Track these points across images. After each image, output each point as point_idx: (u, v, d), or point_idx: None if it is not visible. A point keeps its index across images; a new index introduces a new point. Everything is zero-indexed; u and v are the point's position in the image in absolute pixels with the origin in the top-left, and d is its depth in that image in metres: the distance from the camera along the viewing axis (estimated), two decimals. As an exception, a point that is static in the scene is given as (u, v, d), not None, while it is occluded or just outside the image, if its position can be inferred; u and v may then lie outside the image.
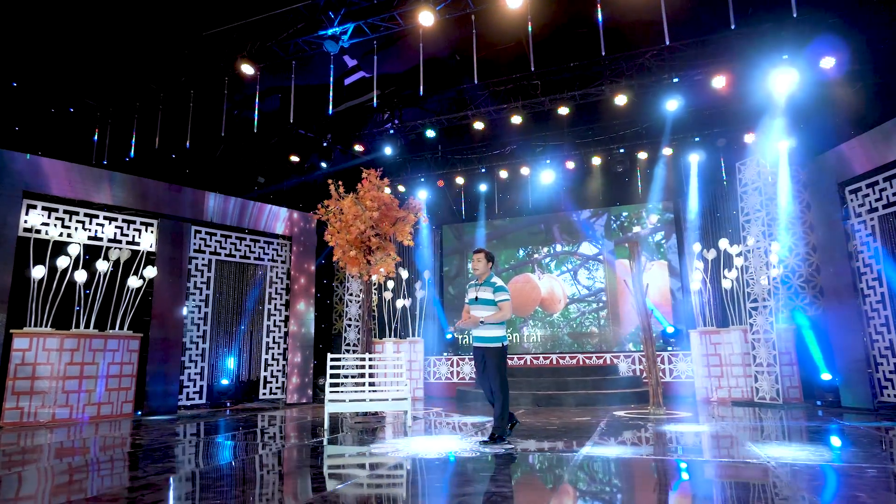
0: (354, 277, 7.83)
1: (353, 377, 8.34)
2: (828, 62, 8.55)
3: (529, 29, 7.59)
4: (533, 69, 7.70)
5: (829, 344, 8.70)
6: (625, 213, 13.87)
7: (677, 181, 12.30)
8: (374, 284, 12.78)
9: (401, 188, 14.07)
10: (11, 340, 7.60)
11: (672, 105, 9.74)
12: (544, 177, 13.02)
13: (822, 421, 6.82)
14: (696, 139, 11.57)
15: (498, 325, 5.49)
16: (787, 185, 10.09)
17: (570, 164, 12.51)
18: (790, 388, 9.01)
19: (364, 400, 6.83)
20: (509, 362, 12.16)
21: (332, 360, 7.13)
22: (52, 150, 8.88)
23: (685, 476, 3.99)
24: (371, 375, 8.30)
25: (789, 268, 9.98)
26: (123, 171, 9.16)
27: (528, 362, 12.03)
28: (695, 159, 11.58)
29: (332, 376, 7.35)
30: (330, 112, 9.03)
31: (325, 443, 5.74)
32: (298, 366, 10.56)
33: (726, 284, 10.09)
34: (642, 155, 12.05)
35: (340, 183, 8.02)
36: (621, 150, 12.17)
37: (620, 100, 9.81)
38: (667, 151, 11.78)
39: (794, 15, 6.14)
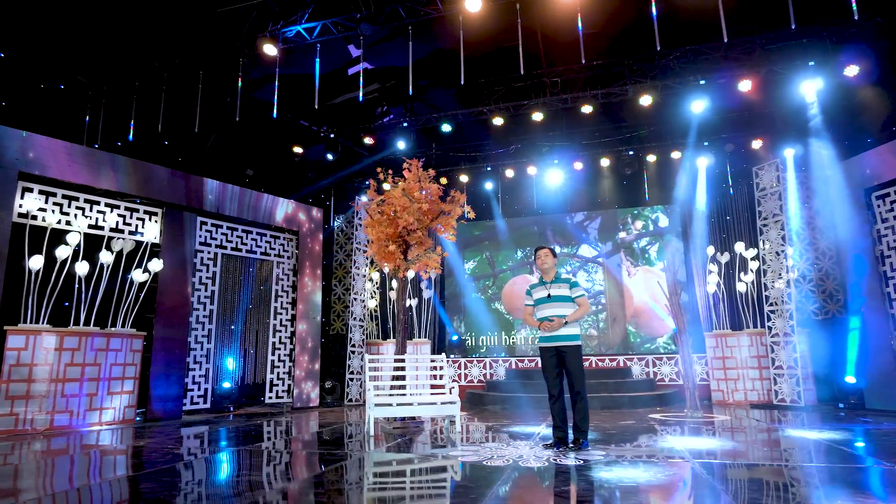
0: (390, 273, 7.36)
1: (367, 379, 7.87)
2: (852, 70, 8.71)
3: (579, 21, 7.36)
4: (584, 62, 7.47)
5: (851, 347, 8.83)
6: (612, 218, 13.90)
7: (684, 185, 12.35)
8: (377, 283, 12.32)
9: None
10: (5, 338, 6.79)
11: (698, 107, 9.74)
12: (549, 178, 12.88)
13: (879, 421, 6.86)
14: (706, 143, 11.66)
15: (576, 322, 5.24)
16: (795, 190, 10.28)
17: (579, 165, 12.41)
18: (806, 391, 9.11)
19: (411, 404, 6.43)
20: (526, 366, 11.95)
21: (371, 361, 6.69)
22: (41, 129, 8.06)
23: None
24: (405, 378, 7.86)
25: (801, 271, 10.15)
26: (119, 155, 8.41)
27: (540, 364, 11.79)
28: (703, 163, 11.66)
29: (372, 378, 6.89)
30: (360, 99, 8.56)
31: (369, 451, 5.30)
32: (306, 368, 9.97)
33: (741, 288, 10.15)
34: (651, 158, 12.07)
35: (390, 172, 7.57)
36: (630, 153, 12.16)
37: (645, 100, 9.73)
38: (675, 155, 11.84)
39: (856, 17, 6.13)
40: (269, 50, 8.12)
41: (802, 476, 4.01)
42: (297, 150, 11.52)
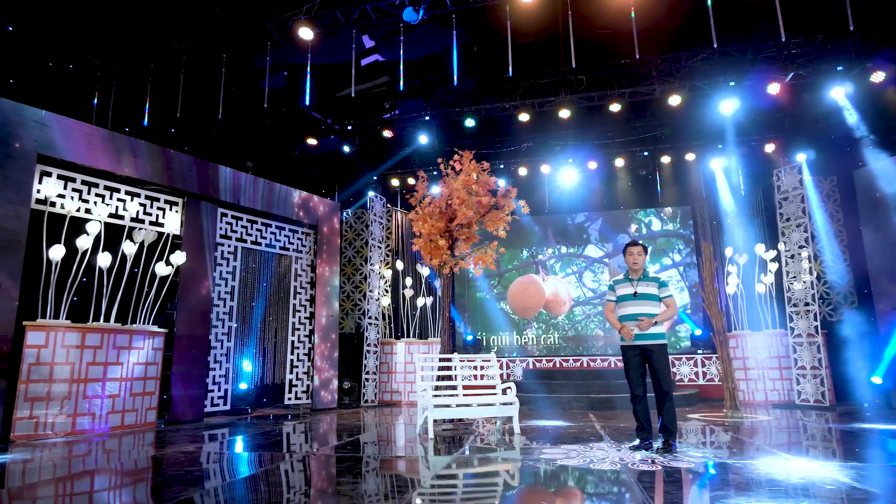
0: (436, 268, 7.05)
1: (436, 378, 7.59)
2: (878, 76, 8.88)
3: (633, 15, 7.25)
4: (637, 56, 7.36)
5: (874, 347, 9.00)
6: (618, 218, 13.95)
7: (697, 187, 12.45)
8: (387, 280, 11.98)
9: (410, 180, 13.36)
10: (24, 335, 6.23)
11: (728, 107, 9.76)
12: (562, 177, 12.79)
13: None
14: (720, 146, 11.77)
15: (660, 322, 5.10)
16: (814, 193, 10.47)
17: (593, 165, 12.36)
18: (828, 391, 9.24)
19: (470, 405, 6.18)
20: (544, 366, 11.79)
21: (424, 360, 6.42)
22: (48, 109, 7.48)
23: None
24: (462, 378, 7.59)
25: (818, 273, 10.31)
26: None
27: (558, 364, 11.69)
28: (719, 165, 11.76)
29: (427, 378, 6.61)
30: (400, 88, 8.25)
31: (430, 457, 5.04)
32: (325, 368, 9.57)
33: (760, 289, 10.24)
34: (665, 159, 12.11)
35: (451, 161, 7.25)
36: (645, 153, 12.16)
37: (674, 100, 9.72)
38: (690, 157, 11.92)
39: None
40: (305, 34, 7.74)
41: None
42: (311, 141, 11.10)
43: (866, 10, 8.46)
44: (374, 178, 13.26)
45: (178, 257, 7.63)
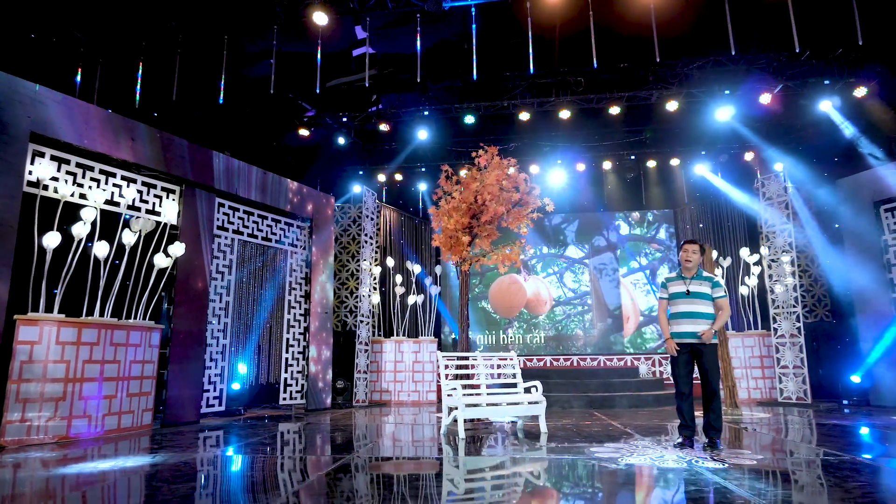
0: (455, 263, 6.79)
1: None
2: (860, 91, 9.38)
3: (653, 23, 7.33)
4: (658, 58, 7.44)
5: (852, 348, 9.48)
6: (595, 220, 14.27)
7: (680, 192, 12.81)
8: (375, 278, 11.71)
9: (399, 177, 13.13)
10: (16, 329, 5.67)
11: (723, 115, 10.07)
12: (550, 178, 12.89)
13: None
14: (703, 153, 12.15)
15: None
16: (798, 199, 10.96)
17: (581, 167, 12.51)
18: (807, 389, 9.68)
19: (500, 404, 6.08)
20: (535, 366, 11.82)
21: (459, 358, 6.27)
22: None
23: None
24: (490, 376, 7.45)
25: (797, 276, 10.79)
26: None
27: (549, 363, 11.73)
28: (703, 170, 12.14)
29: (457, 378, 6.46)
30: (417, 79, 8.02)
31: (460, 457, 4.93)
32: (321, 366, 9.24)
33: (744, 291, 10.63)
34: (651, 163, 12.39)
35: (483, 153, 7.04)
36: (632, 158, 12.41)
37: (672, 105, 9.94)
38: (674, 162, 12.25)
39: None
40: (320, 18, 7.42)
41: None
42: (304, 132, 10.70)
43: (850, 28, 8.94)
44: (360, 172, 12.96)
45: (178, 248, 7.15)
